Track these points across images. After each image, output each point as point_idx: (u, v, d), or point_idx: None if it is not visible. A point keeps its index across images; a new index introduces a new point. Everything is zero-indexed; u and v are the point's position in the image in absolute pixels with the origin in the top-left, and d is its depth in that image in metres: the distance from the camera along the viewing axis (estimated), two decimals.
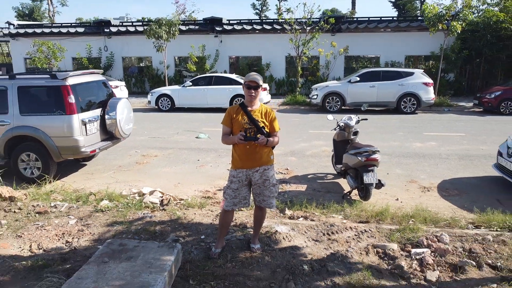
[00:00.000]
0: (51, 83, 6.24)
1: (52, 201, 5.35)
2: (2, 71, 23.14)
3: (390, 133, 10.47)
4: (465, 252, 3.90)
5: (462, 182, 6.46)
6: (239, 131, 3.54)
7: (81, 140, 6.27)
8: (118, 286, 2.90)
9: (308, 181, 6.56)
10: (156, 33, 16.71)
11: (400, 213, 4.91)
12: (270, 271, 3.55)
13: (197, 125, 11.79)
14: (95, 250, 3.78)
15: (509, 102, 13.62)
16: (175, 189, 6.09)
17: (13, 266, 3.65)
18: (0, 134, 6.28)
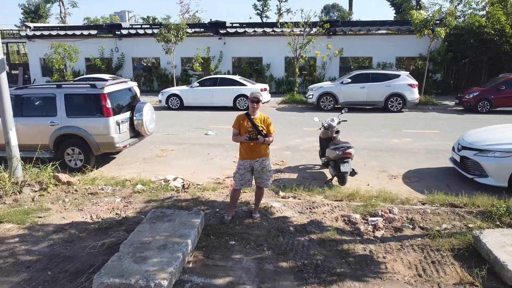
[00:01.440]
0: (91, 91, 7.75)
1: (97, 185, 6.87)
2: (19, 70, 24.61)
3: (374, 130, 11.96)
4: (408, 220, 5.40)
5: (424, 172, 7.97)
6: (244, 133, 5.04)
7: (116, 138, 7.79)
8: (166, 235, 4.42)
9: (299, 171, 8.07)
10: (165, 37, 18.16)
11: (367, 194, 6.40)
12: (266, 231, 5.06)
13: (205, 123, 13.30)
14: (141, 218, 5.30)
15: (486, 102, 15.07)
16: (191, 177, 7.60)
17: (85, 228, 5.18)
18: (51, 132, 7.79)
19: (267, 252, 4.50)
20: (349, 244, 4.70)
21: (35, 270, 4.13)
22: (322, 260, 4.31)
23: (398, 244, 4.67)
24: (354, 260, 4.33)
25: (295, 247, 4.62)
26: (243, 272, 4.08)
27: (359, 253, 4.48)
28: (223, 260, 4.31)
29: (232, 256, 4.41)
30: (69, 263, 4.28)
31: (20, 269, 4.15)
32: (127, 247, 4.16)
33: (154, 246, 4.17)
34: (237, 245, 4.66)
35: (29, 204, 5.92)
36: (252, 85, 16.42)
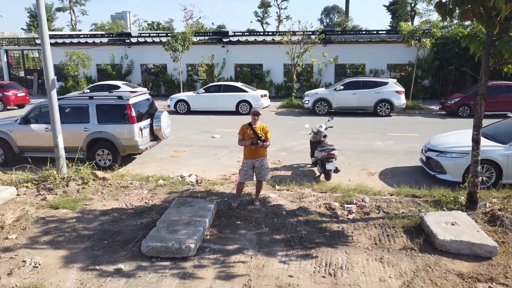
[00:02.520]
0: (118, 102, 9.25)
1: (126, 180, 8.37)
2: (34, 76, 26.14)
3: (362, 133, 13.44)
4: (375, 207, 6.87)
5: (398, 170, 9.45)
6: (248, 139, 6.52)
7: (139, 141, 9.29)
8: (189, 216, 5.90)
9: (293, 169, 9.56)
10: (173, 47, 19.66)
11: (347, 188, 7.88)
12: (264, 214, 6.54)
13: (211, 127, 14.80)
14: (167, 205, 6.79)
15: (466, 107, 16.55)
16: (203, 174, 9.09)
17: (124, 212, 6.67)
18: (84, 136, 9.30)
19: (265, 229, 5.98)
20: (327, 223, 6.18)
21: (94, 240, 5.62)
22: (306, 234, 5.79)
23: (364, 224, 6.16)
24: (330, 234, 5.81)
25: (286, 225, 6.11)
26: (247, 242, 5.56)
27: (334, 229, 5.97)
28: (231, 234, 5.80)
29: (238, 232, 5.89)
30: (118, 236, 5.77)
31: (83, 240, 5.64)
32: (161, 223, 5.66)
33: (181, 223, 5.67)
34: (242, 224, 6.15)
35: (75, 195, 7.41)
36: (253, 91, 17.93)
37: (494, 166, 7.93)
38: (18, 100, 19.75)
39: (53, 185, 7.63)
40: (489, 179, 8.00)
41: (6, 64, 25.98)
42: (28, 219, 6.29)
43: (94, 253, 5.26)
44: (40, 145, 9.59)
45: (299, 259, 5.08)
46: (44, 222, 6.23)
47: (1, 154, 9.85)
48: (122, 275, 4.69)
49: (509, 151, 7.85)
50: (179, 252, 5.01)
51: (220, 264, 4.95)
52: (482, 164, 7.95)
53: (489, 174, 7.98)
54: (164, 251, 5.03)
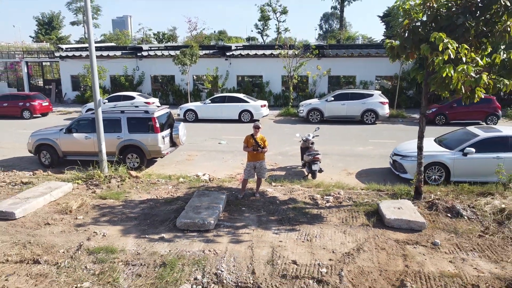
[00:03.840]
0: (145, 115, 11.43)
1: (153, 178, 10.52)
2: (52, 86, 28.36)
3: (347, 140, 15.61)
4: (348, 198, 9.01)
5: (372, 170, 11.61)
6: (250, 146, 8.69)
7: (162, 147, 11.46)
8: (208, 203, 8.06)
9: (286, 170, 11.72)
10: (182, 61, 21.86)
11: (328, 184, 10.02)
12: (263, 203, 8.69)
13: (217, 134, 16.97)
14: (189, 196, 8.93)
15: (442, 116, 18.73)
16: (213, 173, 11.25)
17: (157, 201, 8.82)
18: (117, 143, 11.46)
19: (263, 213, 8.13)
20: (309, 209, 8.33)
21: (140, 220, 7.77)
22: (293, 216, 7.93)
23: (337, 209, 8.31)
24: (310, 216, 7.96)
25: (278, 210, 8.26)
26: (250, 221, 7.70)
27: (314, 213, 8.11)
28: (239, 216, 7.95)
29: (243, 214, 8.04)
30: (156, 217, 7.92)
31: (131, 220, 7.79)
32: (188, 208, 7.82)
33: (202, 207, 7.83)
34: (246, 210, 8.30)
35: (117, 189, 9.56)
36: (254, 102, 20.12)
37: (443, 167, 10.08)
38: (42, 109, 21.93)
39: (98, 181, 9.80)
40: (440, 177, 10.15)
41: (27, 74, 28.20)
42: (87, 206, 8.46)
43: (142, 228, 7.41)
44: (80, 150, 11.77)
45: (287, 231, 7.23)
46: (99, 208, 8.40)
47: (48, 157, 12.02)
48: (165, 241, 6.85)
49: (454, 156, 10.01)
50: (202, 226, 7.17)
51: (232, 234, 7.10)
52: (434, 165, 10.17)
53: (440, 173, 10.14)
54: (192, 225, 7.19)
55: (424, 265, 6.00)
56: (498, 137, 10.07)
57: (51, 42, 65.56)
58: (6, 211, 7.82)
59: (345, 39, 41.56)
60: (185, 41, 58.92)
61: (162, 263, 6.08)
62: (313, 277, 5.71)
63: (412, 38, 7.82)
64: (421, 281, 5.60)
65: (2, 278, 5.81)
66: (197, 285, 5.59)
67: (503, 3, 7.01)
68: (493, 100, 18.57)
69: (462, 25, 7.13)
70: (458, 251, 6.48)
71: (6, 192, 9.48)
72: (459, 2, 7.49)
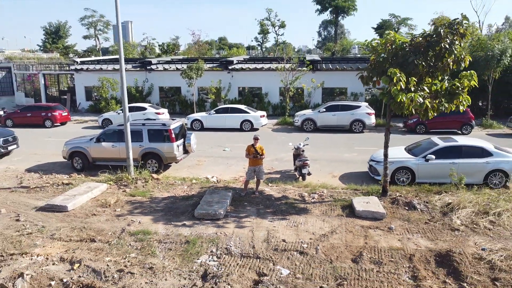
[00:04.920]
0: (163, 127, 13.63)
1: (171, 180, 12.69)
2: (67, 96, 30.60)
3: (336, 147, 17.80)
4: (329, 195, 11.20)
5: (354, 174, 13.79)
6: (251, 154, 10.90)
7: (177, 154, 13.65)
8: (218, 198, 10.24)
9: (281, 173, 13.90)
10: (188, 75, 24.12)
11: (315, 185, 12.19)
12: (261, 199, 10.87)
13: (221, 142, 19.17)
14: (202, 194, 11.11)
15: (422, 126, 20.92)
16: (220, 176, 13.42)
17: (176, 198, 11.00)
18: (139, 151, 13.64)
19: (261, 206, 10.31)
20: (298, 204, 10.51)
21: (165, 212, 9.94)
22: (284, 209, 10.11)
23: (320, 204, 10.48)
24: (298, 209, 10.13)
25: (273, 205, 10.43)
26: (250, 213, 9.88)
27: (301, 207, 10.29)
28: (242, 209, 10.13)
29: (246, 208, 10.21)
30: (177, 210, 10.09)
31: (157, 211, 9.96)
32: (202, 202, 10.00)
33: (214, 202, 10.01)
34: (247, 204, 10.47)
35: (142, 189, 11.74)
36: (254, 113, 22.33)
37: (410, 171, 12.26)
38: (62, 119, 24.14)
39: (127, 182, 11.99)
40: (407, 179, 12.32)
41: (44, 86, 30.46)
42: (121, 201, 10.64)
43: (167, 217, 9.59)
44: (107, 156, 13.96)
45: (279, 220, 9.40)
46: (131, 203, 10.59)
47: (80, 162, 14.19)
48: (186, 226, 9.02)
49: (418, 161, 12.20)
50: (215, 216, 9.34)
51: (237, 222, 9.28)
52: (402, 169, 12.36)
53: (407, 176, 12.31)
54: (207, 215, 9.37)
55: (379, 242, 8.18)
56: (454, 146, 12.27)
57: (58, 51, 68.00)
58: (61, 205, 10.01)
59: (340, 51, 43.87)
60: (187, 48, 61.57)
61: (186, 241, 8.26)
62: (297, 250, 7.89)
63: (377, 70, 10.07)
64: (374, 252, 7.78)
65: (70, 251, 7.98)
66: (213, 256, 7.75)
67: (443, 46, 9.26)
68: (467, 112, 20.73)
69: (412, 62, 9.36)
70: (407, 233, 8.66)
71: (52, 191, 11.68)
72: (412, 44, 9.74)
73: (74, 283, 6.90)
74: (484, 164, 11.89)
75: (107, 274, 7.12)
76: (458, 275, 6.95)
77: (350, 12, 49.98)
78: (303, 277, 6.97)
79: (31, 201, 10.84)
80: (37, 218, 9.60)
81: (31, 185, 12.25)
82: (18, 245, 8.27)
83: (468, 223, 9.07)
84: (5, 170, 14.41)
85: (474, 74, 9.63)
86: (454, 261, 7.33)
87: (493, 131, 21.90)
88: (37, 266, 7.45)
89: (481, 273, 6.98)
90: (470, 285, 6.65)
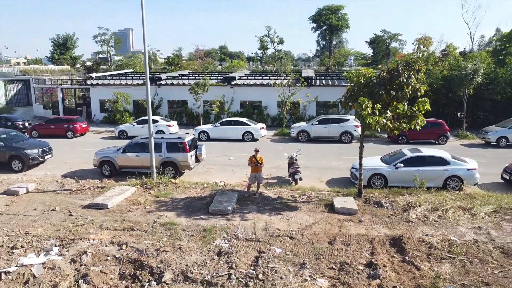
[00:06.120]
0: (179, 140, 16.33)
1: (186, 184, 15.34)
2: (83, 108, 33.34)
3: (326, 156, 20.48)
4: (316, 196, 13.85)
5: (338, 179, 16.45)
6: (252, 163, 13.59)
7: (191, 163, 16.34)
8: (226, 198, 12.91)
9: (277, 179, 16.57)
10: (195, 91, 26.88)
11: (305, 188, 14.84)
12: (261, 199, 13.52)
13: (226, 151, 21.84)
14: (213, 195, 13.77)
15: (403, 137, 23.62)
16: (227, 181, 16.07)
17: (192, 198, 13.66)
18: (159, 160, 16.30)
19: (261, 205, 12.95)
20: (290, 203, 13.15)
21: (185, 209, 12.59)
22: (279, 207, 12.75)
23: (308, 203, 13.12)
24: (290, 207, 12.77)
25: (271, 203, 13.08)
26: (252, 209, 12.52)
27: (293, 205, 12.93)
28: (245, 207, 12.77)
29: (248, 206, 12.86)
30: (194, 207, 12.74)
31: (179, 209, 12.61)
32: (214, 201, 12.67)
33: (223, 201, 12.67)
34: (250, 203, 13.13)
35: (163, 191, 14.38)
36: (254, 125, 25.04)
37: (383, 177, 14.92)
38: (82, 130, 26.85)
39: (151, 186, 14.65)
40: (381, 183, 14.97)
41: (61, 99, 33.22)
42: (149, 201, 13.29)
43: (187, 213, 12.23)
44: (132, 165, 16.62)
45: (275, 215, 12.05)
46: (157, 202, 13.23)
47: (108, 169, 16.85)
48: (203, 219, 11.66)
49: (390, 169, 14.87)
50: (225, 212, 11.99)
51: (242, 216, 11.92)
52: (377, 175, 15.02)
53: (381, 181, 14.97)
54: (218, 211, 12.01)
55: (350, 230, 10.83)
56: (419, 156, 14.95)
57: (66, 62, 71.01)
58: (102, 203, 12.66)
59: (335, 64, 46.81)
60: (189, 57, 64.78)
61: (204, 229, 10.90)
62: (287, 236, 10.53)
63: (352, 98, 12.78)
64: (345, 237, 10.41)
65: (117, 237, 10.61)
66: (225, 240, 10.38)
67: (402, 79, 11.98)
68: (443, 124, 23.50)
69: (377, 92, 12.08)
70: (372, 224, 11.31)
71: (90, 193, 14.33)
72: (378, 77, 12.46)
73: (124, 258, 9.53)
74: (443, 171, 14.56)
75: (147, 252, 9.74)
76: (404, 252, 9.59)
77: (343, 30, 53.25)
78: (292, 253, 9.60)
79: (76, 200, 13.49)
80: (85, 214, 12.26)
81: (72, 188, 14.91)
82: (76, 233, 10.91)
83: (421, 217, 11.72)
84: (44, 176, 17.07)
85: (427, 101, 12.33)
86: (403, 243, 9.98)
87: (468, 141, 24.60)
88: (94, 247, 10.07)
89: (420, 251, 9.62)
90: (411, 258, 9.28)
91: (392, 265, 9.01)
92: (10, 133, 18.88)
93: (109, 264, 9.33)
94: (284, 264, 9.01)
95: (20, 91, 44.36)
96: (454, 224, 11.24)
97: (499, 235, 10.45)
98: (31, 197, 13.88)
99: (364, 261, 9.17)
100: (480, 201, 12.85)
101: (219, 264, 9.04)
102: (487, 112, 28.26)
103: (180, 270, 8.78)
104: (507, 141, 22.49)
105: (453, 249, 9.59)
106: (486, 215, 11.70)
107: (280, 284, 8.18)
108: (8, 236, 10.73)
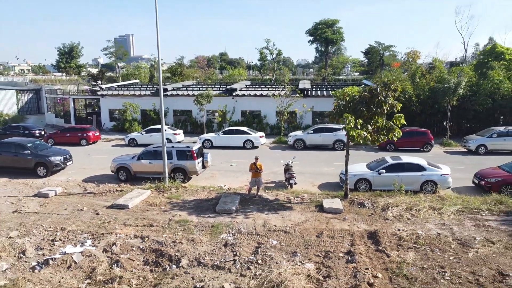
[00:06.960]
0: (187, 149, 18.41)
1: (194, 188, 17.39)
2: (93, 117, 35.45)
3: (319, 162, 22.55)
4: (308, 198, 15.88)
5: (329, 183, 18.50)
6: (253, 169, 15.66)
7: (198, 169, 18.40)
8: (230, 199, 14.96)
9: (275, 183, 18.62)
10: (200, 102, 29.00)
11: (299, 191, 16.88)
12: (260, 201, 15.55)
13: (228, 158, 23.90)
14: (219, 197, 15.82)
15: (391, 145, 25.69)
16: (230, 185, 18.12)
17: (201, 200, 15.70)
18: (170, 166, 18.35)
19: (260, 206, 15.00)
20: (286, 204, 15.19)
21: (195, 208, 14.63)
22: (276, 207, 14.79)
23: (301, 204, 15.16)
24: (286, 207, 14.81)
25: (268, 204, 15.12)
26: (253, 210, 14.56)
27: (288, 206, 14.97)
28: (247, 207, 14.81)
29: (249, 206, 14.90)
30: (203, 207, 14.78)
31: (190, 209, 14.65)
32: (220, 202, 14.72)
33: (228, 202, 14.72)
34: (250, 204, 15.16)
35: (175, 194, 16.41)
36: (254, 134, 27.13)
37: (368, 181, 16.97)
38: (94, 138, 28.92)
39: (164, 189, 16.70)
40: (366, 187, 17.02)
41: (73, 108, 35.34)
42: (163, 202, 15.33)
43: (197, 212, 14.27)
44: (146, 171, 18.68)
45: (272, 214, 14.09)
46: (170, 203, 15.27)
47: (124, 175, 18.90)
48: (211, 217, 13.70)
49: (374, 174, 16.92)
50: (229, 211, 14.03)
51: (244, 215, 13.96)
52: (362, 180, 17.08)
53: (366, 185, 17.01)
54: (224, 211, 14.06)
55: (335, 226, 12.87)
56: (399, 163, 17.01)
57: (71, 70, 73.34)
58: (123, 204, 14.71)
59: (331, 74, 49.15)
60: (190, 65, 67.19)
61: (212, 225, 12.94)
62: (282, 230, 12.56)
63: (338, 113, 14.87)
64: (331, 232, 12.45)
65: (139, 231, 12.65)
66: (230, 234, 12.41)
67: (380, 98, 14.08)
68: (428, 133, 25.60)
69: (359, 109, 14.17)
70: (354, 221, 13.35)
71: (111, 195, 16.37)
72: (360, 96, 14.56)
73: (147, 248, 11.56)
74: (420, 176, 16.62)
75: (166, 243, 11.77)
76: (378, 243, 11.63)
77: (339, 43, 55.67)
78: (285, 244, 11.63)
79: (100, 202, 15.53)
80: (110, 213, 14.29)
81: (94, 191, 16.95)
82: (104, 228, 12.94)
83: (397, 215, 13.77)
84: (66, 181, 19.12)
85: (402, 117, 14.41)
86: (378, 236, 12.02)
87: (451, 149, 26.68)
88: (121, 240, 12.10)
89: (392, 242, 11.66)
90: (383, 247, 11.31)
91: (367, 253, 11.04)
92: (35, 142, 20.94)
93: (135, 253, 11.35)
94: (279, 252, 11.04)
95: (31, 100, 46.50)
96: (424, 221, 13.28)
97: (460, 230, 12.49)
98: (60, 199, 15.93)
99: (345, 250, 11.20)
100: (449, 202, 14.89)
101: (225, 253, 11.06)
102: (470, 121, 30.38)
103: (194, 257, 10.80)
104: (486, 149, 24.57)
105: (419, 240, 11.63)
106: (452, 214, 13.75)
107: (275, 267, 10.20)
108: (47, 231, 12.76)
